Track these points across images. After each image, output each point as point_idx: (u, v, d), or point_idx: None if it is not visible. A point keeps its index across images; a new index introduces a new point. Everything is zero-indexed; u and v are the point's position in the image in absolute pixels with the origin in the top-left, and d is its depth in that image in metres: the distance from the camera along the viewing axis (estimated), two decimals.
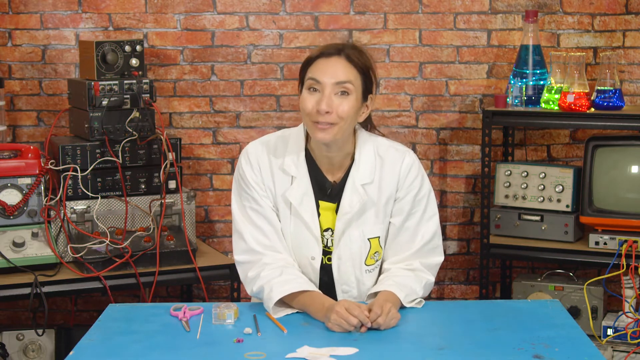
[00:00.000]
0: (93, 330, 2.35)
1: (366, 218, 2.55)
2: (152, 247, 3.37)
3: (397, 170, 2.55)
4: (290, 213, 2.55)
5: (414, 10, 3.98)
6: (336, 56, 2.46)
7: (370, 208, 2.54)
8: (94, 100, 3.44)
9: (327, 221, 2.56)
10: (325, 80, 2.43)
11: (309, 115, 2.44)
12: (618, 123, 3.60)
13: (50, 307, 3.93)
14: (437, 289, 4.17)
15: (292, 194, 2.53)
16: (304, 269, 2.56)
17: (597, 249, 3.66)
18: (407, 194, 2.56)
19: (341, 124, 2.44)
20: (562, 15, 3.99)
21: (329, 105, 2.41)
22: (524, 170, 3.82)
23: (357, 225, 2.54)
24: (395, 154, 2.57)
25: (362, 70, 2.47)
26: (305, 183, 2.53)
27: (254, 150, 2.57)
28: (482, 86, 4.04)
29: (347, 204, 2.53)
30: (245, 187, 2.56)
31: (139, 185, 3.51)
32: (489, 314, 2.47)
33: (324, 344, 2.20)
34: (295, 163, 2.54)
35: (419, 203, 2.57)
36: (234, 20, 3.97)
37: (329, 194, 2.55)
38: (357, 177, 2.53)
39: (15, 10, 3.88)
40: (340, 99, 2.43)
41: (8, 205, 3.33)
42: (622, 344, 3.60)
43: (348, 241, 2.55)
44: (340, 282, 2.57)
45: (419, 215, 2.57)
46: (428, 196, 2.59)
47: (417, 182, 2.57)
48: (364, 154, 2.55)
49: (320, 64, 2.45)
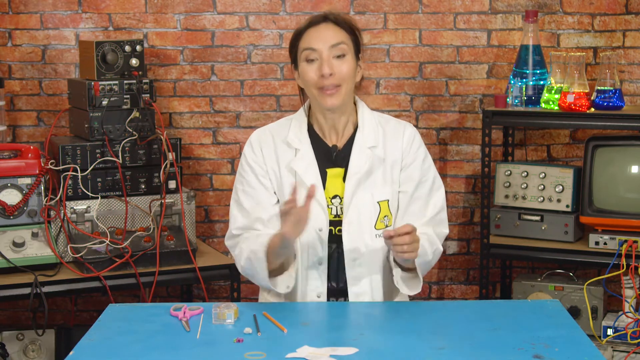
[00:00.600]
0: (93, 330, 2.35)
1: (374, 180, 2.58)
2: (152, 247, 3.37)
3: (399, 138, 2.61)
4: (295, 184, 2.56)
5: (414, 10, 3.99)
6: (324, 22, 2.54)
7: (378, 169, 2.58)
8: (94, 100, 3.44)
9: (335, 188, 2.58)
10: (320, 46, 2.50)
11: (314, 84, 2.51)
12: (618, 123, 3.61)
13: (50, 307, 3.93)
14: (437, 289, 4.17)
15: (297, 164, 2.57)
16: (312, 243, 2.56)
17: (597, 249, 3.66)
18: (414, 161, 2.60)
19: (345, 86, 2.51)
20: (562, 15, 3.99)
21: (331, 67, 2.48)
22: (524, 170, 3.82)
23: (366, 188, 2.56)
24: (397, 124, 2.65)
25: (350, 30, 2.56)
26: (309, 154, 2.58)
27: (257, 134, 2.66)
28: (482, 86, 4.04)
29: (356, 164, 2.56)
30: (242, 171, 2.62)
31: (139, 185, 3.51)
32: (489, 314, 2.47)
33: (324, 344, 2.20)
34: (299, 136, 2.60)
35: (427, 171, 2.62)
36: (234, 20, 3.97)
37: (334, 159, 2.58)
38: (363, 140, 2.58)
39: (15, 10, 3.88)
40: (339, 61, 2.51)
41: (8, 205, 3.33)
42: (622, 344, 3.60)
43: (359, 204, 2.56)
44: (350, 249, 2.56)
45: (430, 183, 2.62)
46: (433, 166, 2.65)
47: (422, 150, 2.63)
48: (367, 120, 2.61)
49: (311, 33, 2.53)
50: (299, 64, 2.55)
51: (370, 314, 2.46)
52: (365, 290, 2.58)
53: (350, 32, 2.55)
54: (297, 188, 2.36)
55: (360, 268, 2.57)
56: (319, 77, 2.49)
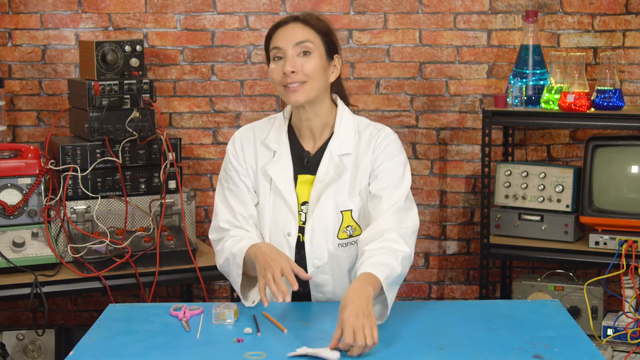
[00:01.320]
0: (93, 330, 2.35)
1: (340, 189, 2.56)
2: (152, 247, 3.37)
3: (373, 142, 2.58)
4: (270, 188, 2.59)
5: (414, 10, 3.98)
6: (292, 22, 2.55)
7: (344, 177, 2.56)
8: (94, 100, 3.44)
9: (305, 195, 2.58)
10: (284, 44, 2.51)
11: (279, 83, 2.52)
12: (618, 123, 3.61)
13: (50, 307, 3.93)
14: (437, 289, 4.17)
15: (272, 167, 2.58)
16: (280, 247, 2.55)
17: (597, 249, 3.66)
18: (381, 164, 2.56)
19: (310, 82, 2.50)
20: (562, 15, 3.99)
21: (293, 65, 2.49)
22: (524, 170, 3.82)
23: (331, 196, 2.55)
24: (373, 130, 2.61)
25: (319, 30, 2.55)
26: (286, 157, 2.59)
27: (240, 132, 2.67)
28: (482, 86, 4.04)
29: (323, 172, 2.56)
30: (226, 168, 2.64)
31: (139, 185, 3.51)
32: (489, 314, 2.47)
33: (324, 344, 2.20)
34: (277, 139, 2.61)
35: (392, 171, 2.55)
36: (234, 20, 3.97)
37: (306, 164, 2.59)
38: (335, 147, 2.57)
39: (15, 10, 3.88)
40: (304, 58, 2.51)
41: (8, 205, 3.33)
42: (622, 344, 3.60)
43: (321, 212, 2.55)
44: (312, 255, 2.55)
45: (391, 181, 2.54)
46: (404, 167, 2.57)
47: (388, 150, 2.56)
48: (344, 126, 2.59)
49: (279, 33, 2.54)
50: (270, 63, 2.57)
51: None
52: (328, 298, 2.59)
53: (320, 32, 2.54)
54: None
55: (324, 275, 2.57)
56: (282, 74, 2.50)
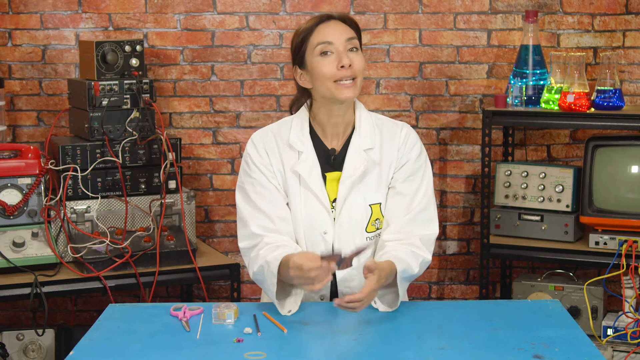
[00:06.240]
0: (93, 330, 2.35)
1: (368, 183, 2.58)
2: (152, 247, 3.37)
3: (396, 138, 2.61)
4: (300, 187, 2.58)
5: (414, 10, 3.98)
6: (332, 20, 2.57)
7: (372, 172, 2.58)
8: (94, 100, 3.45)
9: (334, 192, 2.59)
10: (336, 39, 2.52)
11: (331, 77, 2.51)
12: (618, 123, 3.61)
13: (50, 307, 3.93)
14: (437, 289, 4.17)
15: (301, 167, 2.57)
16: (316, 246, 2.56)
17: (597, 249, 3.66)
18: (407, 160, 2.60)
19: (359, 79, 2.54)
20: (562, 15, 3.99)
21: (350, 59, 2.51)
22: (524, 170, 3.82)
23: (359, 191, 2.57)
24: (393, 125, 2.65)
25: (357, 29, 2.60)
26: (312, 156, 2.58)
27: (259, 136, 2.64)
28: (482, 86, 4.04)
29: (351, 167, 2.57)
30: (250, 171, 2.59)
31: (139, 185, 3.51)
32: (489, 314, 2.47)
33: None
34: (300, 138, 2.60)
35: (418, 170, 2.61)
36: (234, 20, 3.97)
37: (332, 162, 2.59)
38: (359, 142, 2.59)
39: (15, 10, 3.88)
40: (354, 54, 2.53)
41: (8, 205, 3.33)
42: (622, 344, 3.60)
43: (350, 207, 2.56)
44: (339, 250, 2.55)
45: (418, 181, 2.60)
46: (425, 164, 2.64)
47: (416, 149, 2.62)
48: (364, 122, 2.62)
49: (323, 29, 2.54)
50: (309, 60, 2.54)
51: (370, 313, 2.46)
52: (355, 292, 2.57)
53: (357, 31, 2.59)
54: (325, 256, 2.34)
55: (351, 269, 2.56)
56: (337, 69, 2.49)
